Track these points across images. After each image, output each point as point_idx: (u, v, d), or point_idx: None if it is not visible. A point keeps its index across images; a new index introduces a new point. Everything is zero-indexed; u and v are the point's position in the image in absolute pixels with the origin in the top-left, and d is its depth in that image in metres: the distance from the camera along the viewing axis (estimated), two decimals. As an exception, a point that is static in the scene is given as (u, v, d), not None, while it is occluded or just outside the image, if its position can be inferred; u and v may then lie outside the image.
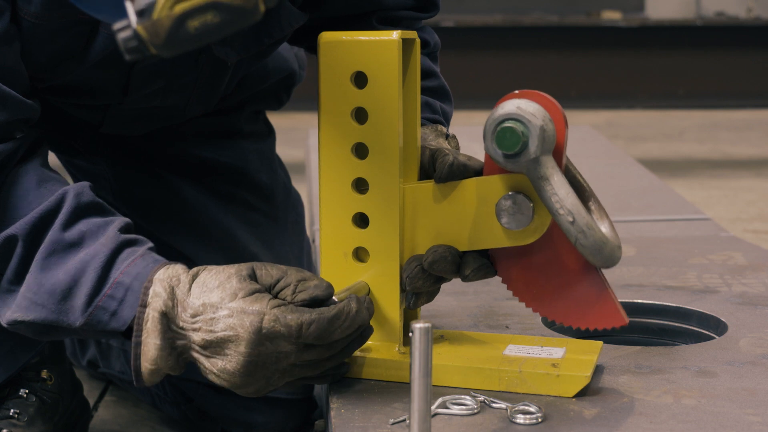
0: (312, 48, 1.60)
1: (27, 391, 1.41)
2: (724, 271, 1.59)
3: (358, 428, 1.01)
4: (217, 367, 1.06)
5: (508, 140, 1.04)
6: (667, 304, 1.42)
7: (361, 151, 1.14)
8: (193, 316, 1.06)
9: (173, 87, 1.38)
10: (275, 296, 1.07)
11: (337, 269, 1.16)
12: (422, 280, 1.14)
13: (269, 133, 1.77)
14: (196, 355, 1.07)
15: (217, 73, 1.41)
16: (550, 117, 1.05)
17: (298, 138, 3.24)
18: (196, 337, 1.06)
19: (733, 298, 1.44)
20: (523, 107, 1.04)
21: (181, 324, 1.06)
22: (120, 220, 1.14)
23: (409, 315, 1.19)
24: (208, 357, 1.07)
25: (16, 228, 1.12)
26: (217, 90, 1.46)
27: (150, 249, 1.13)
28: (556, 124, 1.06)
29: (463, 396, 1.06)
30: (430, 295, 1.18)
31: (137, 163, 1.61)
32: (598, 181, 1.25)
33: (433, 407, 1.03)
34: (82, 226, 1.12)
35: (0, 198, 1.14)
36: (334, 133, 1.14)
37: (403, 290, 1.16)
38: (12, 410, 1.39)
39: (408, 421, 0.95)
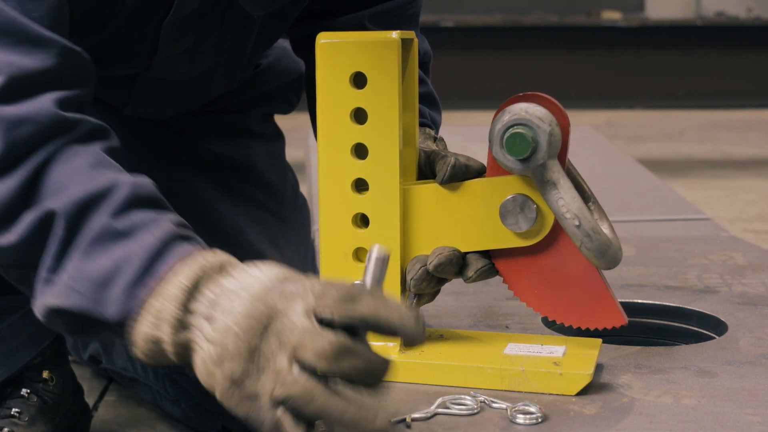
0: (298, 42, 1.60)
1: (29, 391, 1.41)
2: (724, 271, 1.59)
3: (358, 428, 1.01)
4: (216, 323, 0.88)
5: (518, 146, 1.05)
6: (667, 304, 1.41)
7: (360, 151, 1.14)
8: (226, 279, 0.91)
9: (200, 48, 1.39)
10: None
11: (336, 269, 1.16)
12: (426, 281, 1.14)
13: (279, 136, 1.78)
14: (197, 321, 0.90)
15: (242, 35, 1.42)
16: (556, 121, 1.06)
17: (298, 138, 3.24)
18: (215, 292, 0.90)
19: (733, 298, 1.44)
20: (531, 112, 1.04)
21: (209, 284, 0.91)
22: (175, 216, 0.99)
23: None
24: (210, 318, 0.89)
25: (57, 203, 0.95)
26: (242, 58, 1.47)
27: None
28: (560, 128, 1.06)
29: (463, 396, 1.06)
30: (432, 296, 1.18)
31: (153, 152, 1.61)
32: (598, 181, 1.25)
33: (433, 407, 1.03)
34: (135, 217, 0.96)
35: (45, 171, 0.98)
36: (332, 133, 1.14)
37: (404, 291, 1.16)
38: (13, 409, 1.39)
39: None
